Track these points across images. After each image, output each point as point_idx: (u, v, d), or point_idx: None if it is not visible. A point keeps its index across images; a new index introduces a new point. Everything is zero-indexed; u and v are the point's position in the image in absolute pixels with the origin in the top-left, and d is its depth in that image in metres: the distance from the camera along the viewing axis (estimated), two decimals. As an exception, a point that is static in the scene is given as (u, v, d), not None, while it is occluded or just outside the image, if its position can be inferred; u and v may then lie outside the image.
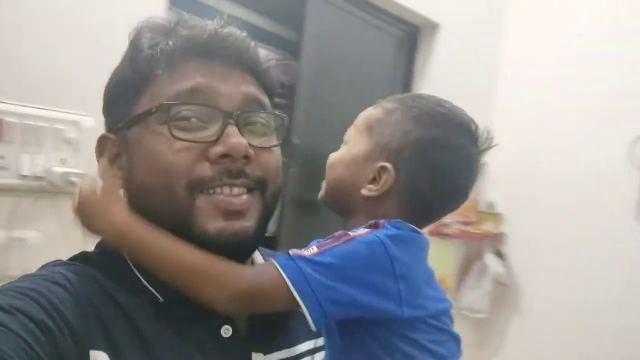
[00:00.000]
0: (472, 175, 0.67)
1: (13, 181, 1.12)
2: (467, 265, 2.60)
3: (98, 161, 0.60)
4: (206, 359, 0.54)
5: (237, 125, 0.55)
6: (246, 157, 0.54)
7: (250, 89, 0.58)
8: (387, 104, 0.69)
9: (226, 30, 0.58)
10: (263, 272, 0.56)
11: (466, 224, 2.65)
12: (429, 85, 2.36)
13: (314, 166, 1.27)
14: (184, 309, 0.54)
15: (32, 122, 1.15)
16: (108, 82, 0.61)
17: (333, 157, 0.70)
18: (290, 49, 2.03)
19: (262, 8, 1.97)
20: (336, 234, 0.60)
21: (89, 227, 0.53)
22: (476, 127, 0.68)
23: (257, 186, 0.56)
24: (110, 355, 0.49)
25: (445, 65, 2.40)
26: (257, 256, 0.66)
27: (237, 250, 0.54)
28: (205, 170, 0.53)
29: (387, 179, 0.64)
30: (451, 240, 2.44)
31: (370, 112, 0.69)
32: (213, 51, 0.57)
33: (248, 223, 0.55)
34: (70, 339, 0.47)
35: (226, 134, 0.54)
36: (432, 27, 2.37)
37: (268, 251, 0.73)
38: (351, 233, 0.58)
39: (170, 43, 0.56)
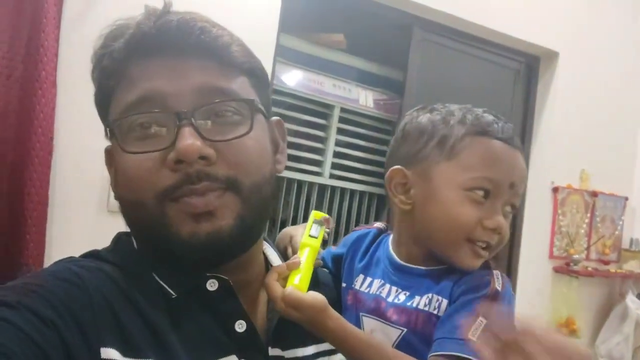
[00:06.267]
0: None
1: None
2: (606, 308, 2.36)
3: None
4: (220, 353, 0.53)
5: (192, 124, 0.50)
6: (204, 157, 0.50)
7: (205, 78, 0.52)
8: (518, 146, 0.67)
9: (162, 20, 0.52)
10: None
11: (605, 262, 2.44)
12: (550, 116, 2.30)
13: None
14: (197, 304, 0.53)
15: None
16: None
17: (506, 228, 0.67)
18: (399, 89, 2.19)
19: (372, 55, 2.17)
20: (483, 293, 0.60)
21: (309, 327, 0.57)
22: None
23: (228, 186, 0.51)
24: (122, 351, 0.47)
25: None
26: (272, 254, 0.64)
27: (216, 251, 0.52)
28: (166, 179, 0.50)
29: None
30: (580, 279, 2.26)
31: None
32: (156, 47, 0.52)
33: (222, 222, 0.51)
34: (78, 335, 0.46)
35: (178, 137, 0.50)
36: (552, 56, 2.32)
37: (325, 279, 0.71)
38: (499, 287, 0.61)
39: (116, 49, 0.52)
